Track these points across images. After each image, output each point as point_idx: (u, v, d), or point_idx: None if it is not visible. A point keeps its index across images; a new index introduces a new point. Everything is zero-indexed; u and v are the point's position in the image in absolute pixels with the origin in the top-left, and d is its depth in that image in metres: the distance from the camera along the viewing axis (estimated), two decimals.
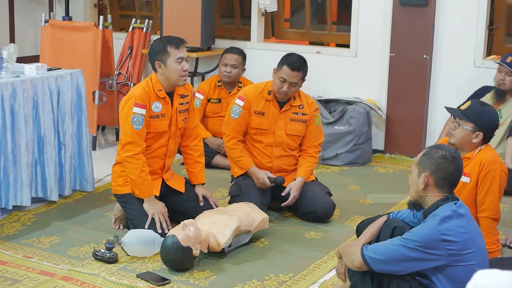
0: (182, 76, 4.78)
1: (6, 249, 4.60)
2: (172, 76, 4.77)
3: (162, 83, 4.82)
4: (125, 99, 4.81)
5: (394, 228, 3.61)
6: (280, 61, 5.20)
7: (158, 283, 4.11)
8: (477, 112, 4.29)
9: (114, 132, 7.63)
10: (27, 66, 5.33)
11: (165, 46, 4.76)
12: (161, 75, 4.81)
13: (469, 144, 4.30)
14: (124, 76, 7.71)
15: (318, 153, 5.44)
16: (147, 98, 4.75)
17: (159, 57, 4.78)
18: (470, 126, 4.27)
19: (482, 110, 4.32)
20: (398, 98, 6.93)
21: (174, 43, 4.77)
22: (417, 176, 3.47)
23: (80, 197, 5.63)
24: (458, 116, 4.32)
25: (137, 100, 4.71)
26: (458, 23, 6.68)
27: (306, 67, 5.19)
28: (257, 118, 5.27)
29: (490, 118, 4.34)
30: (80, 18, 8.30)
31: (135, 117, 4.70)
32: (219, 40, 7.71)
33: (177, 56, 4.75)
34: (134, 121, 4.70)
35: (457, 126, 4.31)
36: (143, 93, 4.76)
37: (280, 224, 5.16)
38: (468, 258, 3.33)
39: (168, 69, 4.76)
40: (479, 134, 4.28)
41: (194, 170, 5.10)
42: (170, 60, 4.74)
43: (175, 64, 4.74)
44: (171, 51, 4.75)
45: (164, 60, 4.76)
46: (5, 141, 4.98)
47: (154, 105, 4.79)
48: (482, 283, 2.15)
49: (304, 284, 4.22)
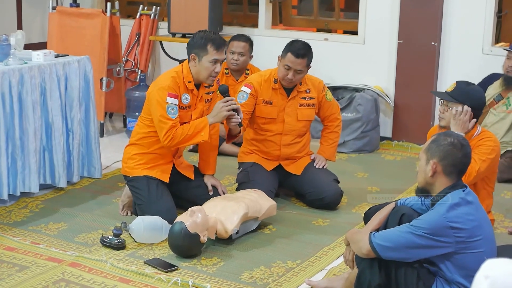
0: (211, 76, 4.76)
1: (14, 235, 4.62)
2: (202, 73, 4.75)
3: (193, 75, 4.80)
4: (155, 89, 4.75)
5: (402, 215, 3.60)
6: (284, 48, 5.18)
7: (165, 269, 4.12)
8: (464, 92, 4.33)
9: (121, 119, 7.63)
10: (35, 53, 5.33)
11: (207, 43, 4.72)
12: (193, 67, 4.79)
13: None
14: (131, 63, 7.71)
15: (340, 123, 5.50)
16: (177, 88, 4.74)
17: (197, 51, 4.74)
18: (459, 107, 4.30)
19: (468, 89, 4.37)
20: (406, 85, 6.91)
21: (216, 43, 4.73)
22: (425, 163, 3.46)
23: (88, 183, 5.64)
24: (445, 98, 4.36)
25: (170, 91, 4.70)
26: (466, 10, 6.65)
27: (311, 53, 5.17)
28: (265, 107, 5.25)
29: (477, 96, 4.38)
30: (87, 5, 8.30)
31: (169, 106, 4.68)
32: (227, 27, 7.69)
33: (214, 57, 4.71)
34: (169, 111, 4.67)
35: (446, 109, 4.35)
36: (174, 83, 4.73)
37: (287, 211, 5.16)
38: (476, 245, 3.32)
39: (201, 66, 4.74)
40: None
41: (207, 160, 5.10)
42: (206, 58, 4.71)
43: (209, 63, 4.72)
44: (210, 50, 4.71)
45: (200, 55, 4.73)
46: (13, 127, 4.99)
47: (184, 97, 4.78)
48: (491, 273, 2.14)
49: (311, 271, 4.22)
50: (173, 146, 4.76)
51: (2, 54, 5.15)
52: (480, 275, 2.17)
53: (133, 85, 7.51)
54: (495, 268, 2.17)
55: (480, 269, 2.18)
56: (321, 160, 5.39)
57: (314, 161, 5.39)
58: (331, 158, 5.48)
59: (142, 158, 4.91)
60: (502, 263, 2.18)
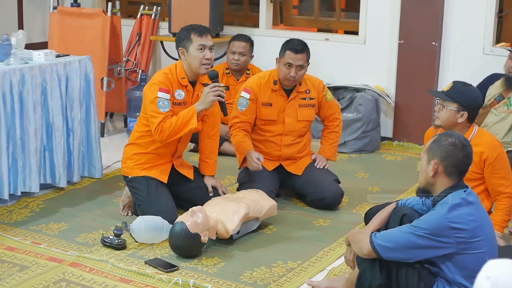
0: (203, 64, 4.76)
1: (14, 235, 4.62)
2: (193, 63, 4.77)
3: (185, 71, 4.82)
4: (147, 86, 4.81)
5: (403, 215, 3.60)
6: (281, 48, 5.19)
7: (166, 269, 4.12)
8: (460, 92, 4.33)
9: (122, 119, 7.64)
10: (36, 53, 5.33)
11: (189, 33, 4.77)
12: (184, 62, 4.82)
13: (455, 125, 4.34)
14: (132, 62, 7.71)
15: (340, 123, 5.50)
16: (169, 84, 4.76)
17: (183, 43, 4.79)
18: (454, 106, 4.30)
19: (464, 89, 4.36)
20: (406, 85, 6.91)
21: (198, 30, 4.78)
22: (426, 163, 3.46)
23: (88, 183, 5.64)
24: (441, 97, 4.37)
25: (161, 85, 4.72)
26: (467, 10, 6.65)
27: (308, 49, 5.19)
28: (265, 109, 5.25)
29: (473, 96, 4.38)
30: (88, 4, 8.29)
31: (160, 100, 4.69)
32: (228, 27, 7.69)
33: (199, 43, 4.74)
34: (160, 105, 4.69)
35: (441, 108, 4.36)
36: (166, 79, 4.76)
37: (288, 211, 5.16)
38: (477, 246, 3.32)
39: (190, 56, 4.76)
40: (463, 114, 4.31)
41: (208, 161, 5.09)
42: (192, 47, 4.74)
43: (197, 51, 4.74)
44: (194, 38, 4.75)
45: (187, 47, 4.76)
46: (13, 127, 4.99)
47: (177, 93, 4.79)
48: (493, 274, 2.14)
49: (312, 271, 4.22)
50: (164, 139, 4.72)
51: (3, 54, 5.15)
52: (481, 275, 2.17)
53: (133, 85, 7.52)
54: (497, 269, 2.17)
55: (481, 269, 2.18)
56: (322, 160, 5.39)
57: (315, 161, 5.39)
58: (332, 158, 5.48)
59: (141, 158, 4.91)
60: (504, 264, 2.18)
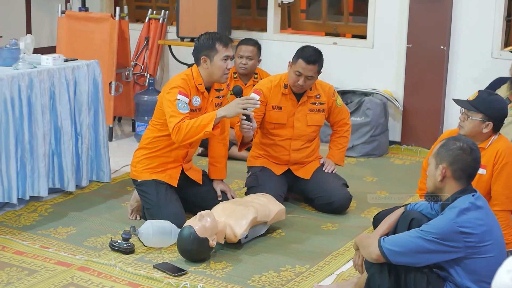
0: (225, 74, 4.78)
1: (23, 239, 4.62)
2: (216, 73, 4.77)
3: (203, 78, 4.81)
4: (165, 89, 4.77)
5: (411, 220, 3.59)
6: (295, 54, 5.17)
7: (174, 273, 4.12)
8: (485, 102, 4.24)
9: (130, 123, 7.65)
10: (44, 57, 5.35)
11: (214, 42, 4.75)
12: (205, 70, 4.80)
13: (480, 135, 4.26)
14: (140, 67, 7.73)
15: (349, 128, 5.51)
16: (188, 89, 4.75)
17: (206, 52, 4.76)
18: (479, 117, 4.23)
19: (490, 99, 4.27)
20: (415, 89, 6.89)
21: (224, 41, 4.77)
22: (434, 168, 3.46)
23: (96, 187, 5.65)
24: (466, 107, 4.28)
25: (180, 89, 4.70)
26: (475, 14, 6.64)
27: (321, 59, 5.16)
28: (275, 112, 5.24)
29: (499, 106, 4.29)
30: (96, 9, 8.31)
31: (179, 103, 4.66)
32: (235, 31, 7.69)
33: (225, 54, 4.75)
34: (180, 106, 4.66)
35: (466, 118, 4.27)
36: (184, 84, 4.74)
37: (296, 216, 5.16)
38: (486, 250, 3.31)
39: (214, 65, 4.75)
40: (489, 124, 4.24)
41: (218, 165, 5.08)
42: (217, 57, 4.74)
43: (221, 61, 4.74)
44: (219, 48, 4.74)
45: (211, 56, 4.75)
46: (22, 131, 5.00)
47: (194, 99, 4.78)
48: None
49: (321, 276, 4.21)
50: (180, 140, 4.64)
51: (12, 58, 5.17)
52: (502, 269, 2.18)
53: (142, 89, 7.53)
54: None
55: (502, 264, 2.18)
56: (330, 165, 5.38)
57: (323, 165, 5.38)
58: (340, 162, 5.48)
59: (151, 162, 4.91)
60: None
